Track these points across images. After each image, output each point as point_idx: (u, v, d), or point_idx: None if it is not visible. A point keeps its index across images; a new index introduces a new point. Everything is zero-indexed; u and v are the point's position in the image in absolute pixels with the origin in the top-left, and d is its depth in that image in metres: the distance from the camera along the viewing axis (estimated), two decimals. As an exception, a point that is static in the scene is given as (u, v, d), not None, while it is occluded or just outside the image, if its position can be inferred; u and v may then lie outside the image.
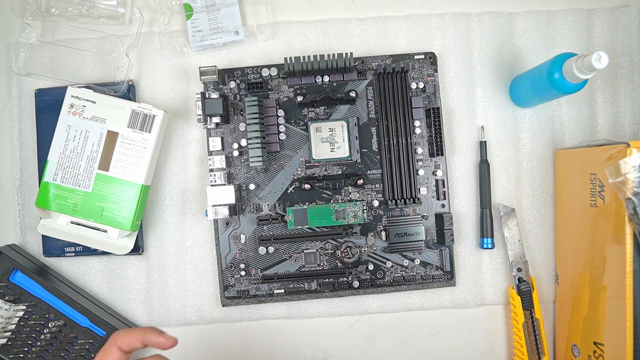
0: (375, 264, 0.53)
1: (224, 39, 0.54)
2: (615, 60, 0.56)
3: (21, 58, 0.54)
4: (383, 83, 0.53)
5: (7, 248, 0.52)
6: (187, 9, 0.54)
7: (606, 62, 0.41)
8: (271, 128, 0.53)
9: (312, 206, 0.51)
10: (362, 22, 0.56)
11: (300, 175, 0.54)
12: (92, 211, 0.50)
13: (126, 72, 0.54)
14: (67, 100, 0.50)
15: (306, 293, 0.53)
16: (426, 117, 0.54)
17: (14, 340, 0.50)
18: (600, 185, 0.47)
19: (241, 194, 0.53)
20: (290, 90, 0.54)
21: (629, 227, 0.43)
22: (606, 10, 0.56)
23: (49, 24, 0.54)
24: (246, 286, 0.53)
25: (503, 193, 0.55)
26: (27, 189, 0.54)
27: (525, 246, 0.55)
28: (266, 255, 0.53)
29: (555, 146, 0.56)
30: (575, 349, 0.51)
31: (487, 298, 0.55)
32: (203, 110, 0.51)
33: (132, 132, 0.50)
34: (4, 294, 0.50)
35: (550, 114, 0.56)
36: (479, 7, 0.56)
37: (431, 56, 0.54)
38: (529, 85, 0.51)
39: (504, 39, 0.56)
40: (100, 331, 0.51)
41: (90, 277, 0.54)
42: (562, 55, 0.45)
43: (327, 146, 0.53)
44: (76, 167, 0.50)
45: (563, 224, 0.54)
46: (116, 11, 0.54)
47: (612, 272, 0.46)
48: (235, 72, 0.54)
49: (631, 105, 0.56)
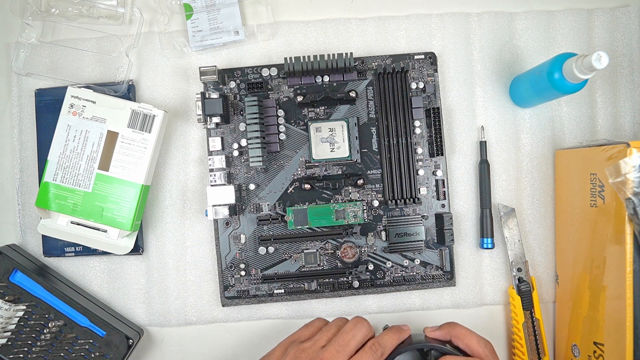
0: (375, 264, 0.53)
1: (224, 39, 0.54)
2: (615, 60, 0.56)
3: (21, 58, 0.54)
4: (383, 83, 0.53)
5: (7, 248, 0.52)
6: (187, 9, 0.54)
7: (606, 62, 0.41)
8: (271, 128, 0.53)
9: (312, 206, 0.51)
10: (362, 22, 0.56)
11: (300, 175, 0.54)
12: (92, 211, 0.50)
13: (126, 72, 0.54)
14: (67, 100, 0.50)
15: (306, 293, 0.53)
16: (426, 117, 0.54)
17: (14, 340, 0.50)
18: (600, 185, 0.47)
19: (241, 194, 0.53)
20: (290, 90, 0.54)
21: (629, 227, 0.43)
22: (606, 10, 0.56)
23: (49, 24, 0.54)
24: (246, 286, 0.53)
25: (503, 193, 0.55)
26: (27, 189, 0.54)
27: (525, 246, 0.55)
28: (266, 255, 0.53)
29: (555, 146, 0.56)
30: (575, 349, 0.51)
31: (487, 298, 0.55)
32: (203, 110, 0.51)
33: (132, 132, 0.50)
34: (4, 294, 0.50)
35: (550, 114, 0.56)
36: (479, 7, 0.56)
37: (431, 56, 0.54)
38: (529, 85, 0.51)
39: (504, 39, 0.56)
40: (100, 331, 0.51)
41: (90, 277, 0.54)
42: (562, 55, 0.45)
43: (327, 146, 0.53)
44: (76, 167, 0.50)
45: (563, 224, 0.54)
46: (116, 11, 0.54)
47: (612, 272, 0.46)
48: (235, 72, 0.54)
49: (631, 105, 0.56)
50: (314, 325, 0.46)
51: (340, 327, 0.45)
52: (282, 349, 0.44)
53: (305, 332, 0.46)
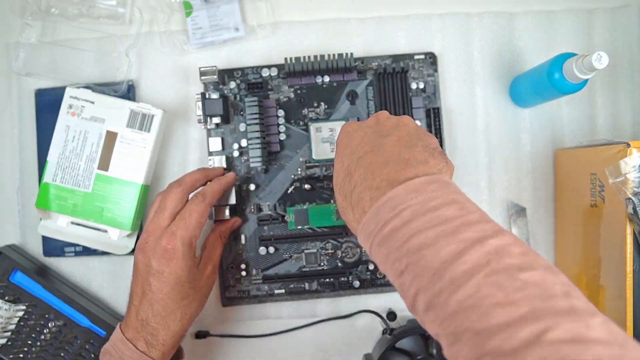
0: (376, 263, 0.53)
1: (224, 35, 0.54)
2: (615, 60, 0.56)
3: (21, 58, 0.54)
4: (383, 83, 0.53)
5: (7, 248, 0.52)
6: (187, 6, 0.54)
7: (606, 62, 0.41)
8: (271, 128, 0.53)
9: (313, 206, 0.51)
10: (362, 22, 0.55)
11: (300, 175, 0.54)
12: (92, 211, 0.50)
13: (126, 72, 0.53)
14: (65, 100, 0.50)
15: (307, 293, 0.53)
16: (426, 117, 0.54)
17: (14, 340, 0.50)
18: (600, 185, 0.47)
19: (241, 194, 0.53)
20: (290, 90, 0.54)
21: (629, 227, 0.43)
22: (606, 10, 0.56)
23: (49, 24, 0.54)
24: (247, 286, 0.53)
25: (503, 193, 0.55)
26: (27, 189, 0.54)
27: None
28: (267, 255, 0.53)
29: (555, 146, 0.56)
30: (575, 349, 0.51)
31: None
32: (203, 110, 0.51)
33: (131, 132, 0.50)
34: (4, 294, 0.50)
35: (550, 114, 0.56)
36: (479, 7, 0.56)
37: (431, 56, 0.54)
38: (529, 85, 0.51)
39: (504, 39, 0.56)
40: (100, 331, 0.51)
41: (90, 277, 0.54)
42: (562, 55, 0.45)
43: (327, 146, 0.53)
44: (76, 167, 0.50)
45: (563, 224, 0.54)
46: (116, 11, 0.54)
47: (612, 272, 0.46)
48: (236, 72, 0.54)
49: (631, 105, 0.56)
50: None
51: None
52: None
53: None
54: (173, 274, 0.42)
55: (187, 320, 0.44)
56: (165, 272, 0.42)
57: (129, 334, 0.42)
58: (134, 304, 0.43)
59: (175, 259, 0.42)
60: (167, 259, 0.42)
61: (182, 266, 0.42)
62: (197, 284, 0.44)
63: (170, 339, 0.43)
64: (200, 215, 0.44)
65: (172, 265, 0.42)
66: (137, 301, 0.43)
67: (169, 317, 0.42)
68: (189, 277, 0.43)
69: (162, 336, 0.42)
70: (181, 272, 0.42)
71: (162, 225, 0.43)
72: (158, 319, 0.42)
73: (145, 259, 0.43)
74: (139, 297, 0.43)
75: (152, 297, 0.42)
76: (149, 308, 0.42)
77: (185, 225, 0.43)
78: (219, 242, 0.49)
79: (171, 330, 0.42)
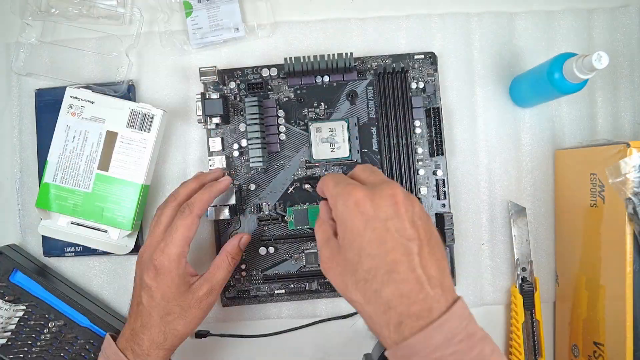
0: (376, 264, 0.53)
1: (224, 35, 0.54)
2: (615, 60, 0.56)
3: (21, 58, 0.54)
4: (383, 83, 0.53)
5: (7, 248, 0.52)
6: (187, 6, 0.54)
7: (606, 62, 0.41)
8: (271, 128, 0.53)
9: (313, 206, 0.51)
10: (362, 22, 0.56)
11: (300, 175, 0.54)
12: (93, 211, 0.50)
13: (126, 72, 0.53)
14: (65, 100, 0.50)
15: (307, 293, 0.53)
16: (426, 117, 0.54)
17: (14, 340, 0.50)
18: (600, 185, 0.47)
19: (241, 194, 0.53)
20: (290, 90, 0.54)
21: (629, 227, 0.44)
22: (606, 10, 0.56)
23: (49, 24, 0.54)
24: (247, 286, 0.53)
25: (503, 193, 0.55)
26: (27, 189, 0.54)
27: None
28: (267, 255, 0.53)
29: (555, 146, 0.56)
30: (576, 349, 0.51)
31: (487, 298, 0.55)
32: (203, 110, 0.51)
33: (131, 132, 0.50)
34: (4, 294, 0.50)
35: (550, 114, 0.56)
36: (479, 7, 0.56)
37: (431, 56, 0.54)
38: (529, 85, 0.51)
39: (504, 39, 0.56)
40: (100, 331, 0.51)
41: (91, 277, 0.54)
42: (562, 55, 0.45)
43: (327, 146, 0.53)
44: (76, 167, 0.50)
45: (563, 224, 0.54)
46: (116, 11, 0.54)
47: (612, 272, 0.46)
48: (235, 72, 0.54)
49: (631, 105, 0.56)
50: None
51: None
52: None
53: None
54: (159, 290, 0.42)
55: (173, 336, 0.43)
56: (153, 287, 0.42)
57: (122, 344, 0.43)
58: (130, 313, 0.44)
59: (162, 275, 0.42)
60: (155, 274, 0.42)
61: (168, 283, 0.42)
62: (184, 302, 0.43)
63: (155, 351, 0.43)
64: (187, 229, 0.43)
65: (158, 281, 0.42)
66: (132, 311, 0.44)
67: (152, 330, 0.43)
68: (176, 295, 0.43)
69: (147, 347, 0.42)
70: (167, 288, 0.42)
71: (157, 240, 0.44)
72: (145, 330, 0.43)
73: (139, 272, 0.44)
74: (134, 307, 0.44)
75: (142, 309, 0.43)
76: (139, 319, 0.43)
77: (172, 241, 0.43)
78: (225, 263, 0.47)
79: (155, 342, 0.43)
